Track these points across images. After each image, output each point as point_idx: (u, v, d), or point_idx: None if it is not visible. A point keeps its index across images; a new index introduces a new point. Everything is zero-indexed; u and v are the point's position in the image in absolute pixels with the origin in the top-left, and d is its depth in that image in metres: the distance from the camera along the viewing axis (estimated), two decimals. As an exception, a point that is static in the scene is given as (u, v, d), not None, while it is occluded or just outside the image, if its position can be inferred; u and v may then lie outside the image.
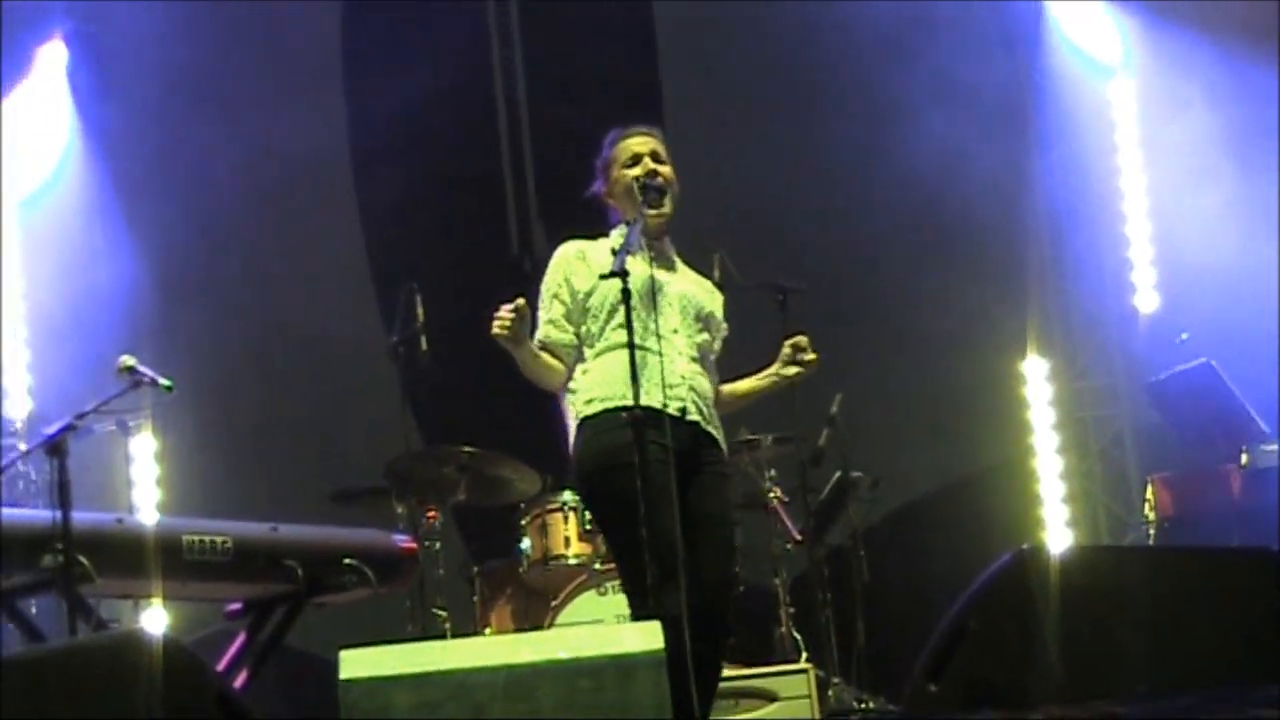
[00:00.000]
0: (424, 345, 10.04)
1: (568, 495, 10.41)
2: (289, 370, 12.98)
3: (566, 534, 10.45)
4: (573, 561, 10.37)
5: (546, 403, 8.02)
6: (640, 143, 7.79)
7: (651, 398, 7.34)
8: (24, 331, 12.77)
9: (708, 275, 7.99)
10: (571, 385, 7.66)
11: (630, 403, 7.28)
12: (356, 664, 6.57)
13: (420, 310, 10.10)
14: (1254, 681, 5.22)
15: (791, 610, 10.70)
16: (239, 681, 8.63)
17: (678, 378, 7.49)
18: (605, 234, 7.79)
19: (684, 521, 7.23)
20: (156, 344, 10.34)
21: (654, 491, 7.17)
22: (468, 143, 13.74)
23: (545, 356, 7.66)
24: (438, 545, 10.29)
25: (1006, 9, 13.34)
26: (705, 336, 7.70)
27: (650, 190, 7.58)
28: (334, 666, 6.60)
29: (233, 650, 9.02)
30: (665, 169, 7.71)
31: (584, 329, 7.65)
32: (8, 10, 12.50)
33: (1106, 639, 5.57)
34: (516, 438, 10.41)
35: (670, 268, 7.74)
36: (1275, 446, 10.59)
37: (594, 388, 7.58)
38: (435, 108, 13.60)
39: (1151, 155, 13.24)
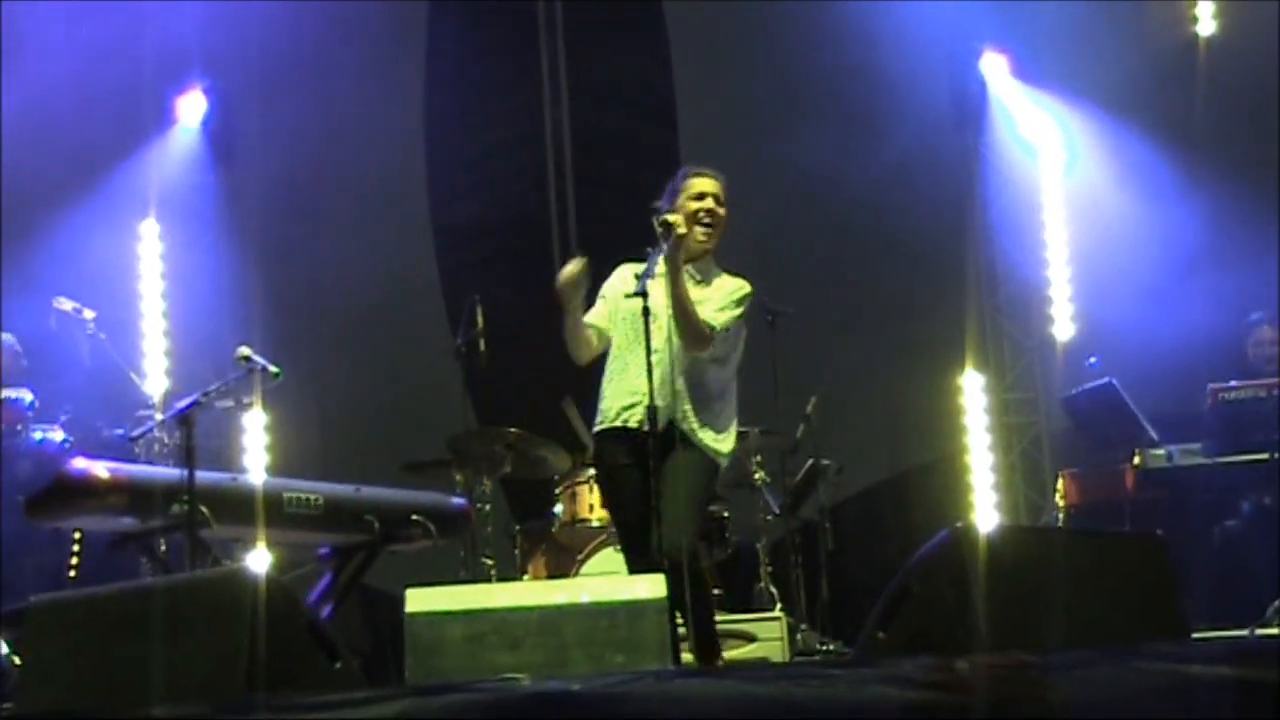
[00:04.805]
0: (482, 347, 10.01)
1: (593, 471, 10.41)
2: (373, 363, 12.98)
3: (591, 502, 10.43)
4: (595, 524, 10.35)
5: (578, 396, 8.02)
6: (702, 183, 7.72)
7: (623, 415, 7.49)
8: (163, 325, 12.83)
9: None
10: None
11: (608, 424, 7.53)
12: (419, 601, 6.56)
13: (480, 318, 10.08)
14: (1139, 639, 5.21)
15: (769, 569, 10.68)
16: (325, 612, 8.62)
17: (640, 395, 7.38)
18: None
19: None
20: (270, 339, 10.30)
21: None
22: (522, 185, 13.74)
23: (586, 331, 7.63)
24: (487, 507, 10.28)
25: (960, 93, 13.34)
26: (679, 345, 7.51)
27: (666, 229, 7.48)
28: (401, 602, 6.60)
29: (321, 587, 9.02)
30: (706, 204, 7.65)
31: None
32: (154, 64, 12.57)
33: (1024, 601, 5.56)
34: (554, 422, 10.40)
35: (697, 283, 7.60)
36: (1162, 451, 10.56)
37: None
38: (498, 157, 13.64)
39: (1072, 214, 13.22)
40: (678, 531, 7.20)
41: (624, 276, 7.69)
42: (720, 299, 7.58)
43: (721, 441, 7.60)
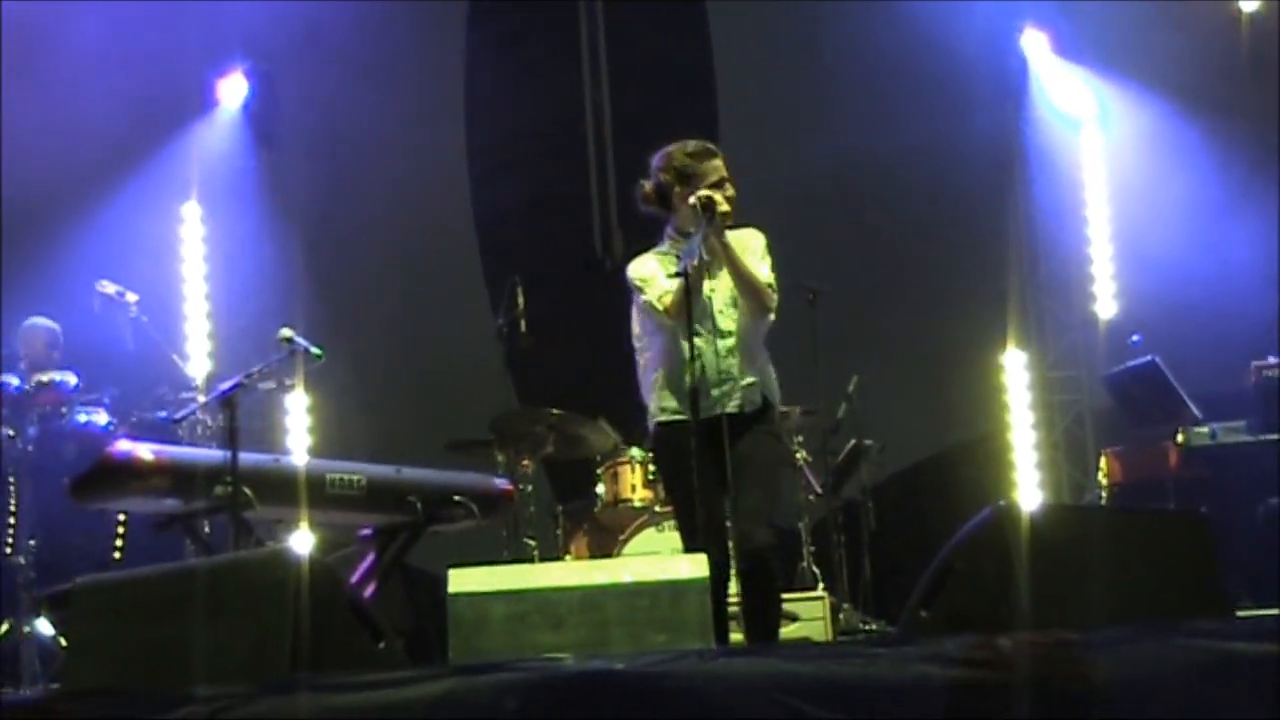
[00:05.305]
0: (524, 327, 10.02)
1: (635, 451, 10.40)
2: (415, 345, 13.03)
3: (633, 482, 10.44)
4: (637, 504, 10.36)
5: (620, 376, 7.99)
6: (719, 165, 7.59)
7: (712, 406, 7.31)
8: (206, 307, 12.89)
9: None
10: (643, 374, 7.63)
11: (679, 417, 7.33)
12: (462, 581, 6.58)
13: (521, 299, 10.09)
14: (1182, 617, 5.19)
15: (812, 549, 10.68)
16: (367, 593, 8.63)
17: (717, 379, 7.32)
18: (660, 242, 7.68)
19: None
20: (312, 320, 10.32)
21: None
22: (562, 166, 13.75)
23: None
24: (529, 488, 10.28)
25: (1000, 70, 13.30)
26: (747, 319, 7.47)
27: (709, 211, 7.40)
28: (444, 582, 6.61)
29: (363, 567, 9.02)
30: (729, 191, 7.52)
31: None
32: (196, 48, 12.64)
33: (1067, 579, 5.54)
34: (596, 402, 10.40)
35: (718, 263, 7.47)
36: (1206, 429, 10.54)
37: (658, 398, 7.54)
38: (537, 138, 13.66)
39: (1114, 190, 13.19)
40: (760, 526, 7.23)
41: (655, 266, 7.59)
42: (753, 256, 7.56)
43: (776, 395, 7.61)
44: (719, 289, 7.42)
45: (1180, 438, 10.56)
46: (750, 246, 7.56)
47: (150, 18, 12.30)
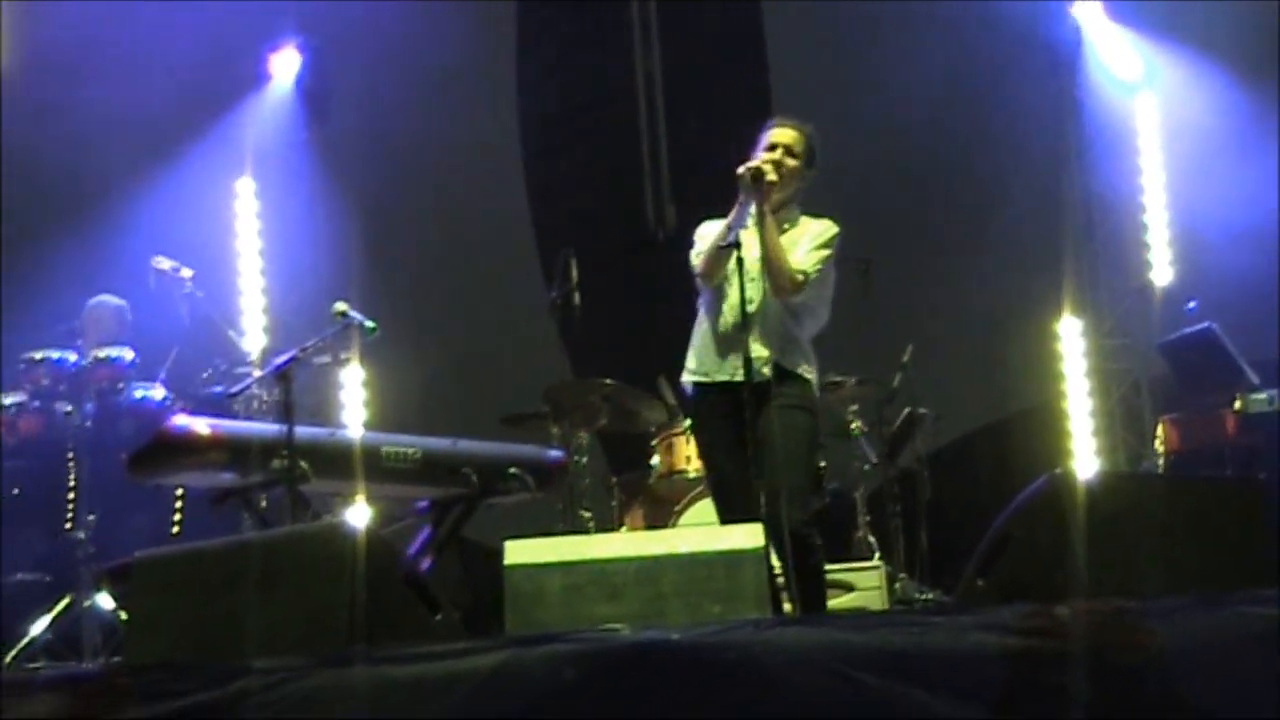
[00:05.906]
0: (577, 300, 10.02)
1: (689, 422, 10.40)
2: (469, 317, 13.04)
3: (688, 453, 10.43)
4: (692, 475, 10.35)
5: (673, 348, 7.99)
6: (775, 134, 7.71)
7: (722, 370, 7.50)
8: (261, 282, 12.94)
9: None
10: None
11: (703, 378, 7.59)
12: (518, 553, 6.59)
13: (574, 272, 10.08)
14: (1240, 585, 5.18)
15: (868, 519, 10.68)
16: (424, 565, 8.66)
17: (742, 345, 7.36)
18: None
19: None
20: (366, 294, 10.34)
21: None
22: (615, 139, 13.73)
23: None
24: (584, 460, 10.29)
25: (1052, 37, 13.24)
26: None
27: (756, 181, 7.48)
28: (500, 554, 6.63)
29: (419, 540, 9.05)
30: (774, 155, 7.59)
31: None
32: (249, 22, 12.66)
33: (1123, 547, 5.53)
34: (649, 374, 10.40)
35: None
36: (1264, 395, 10.49)
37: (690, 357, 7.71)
38: (590, 111, 13.65)
39: (1169, 156, 13.12)
40: (793, 507, 7.23)
41: (716, 228, 7.64)
42: (808, 241, 7.58)
43: (803, 368, 7.63)
44: (750, 257, 7.45)
45: (1238, 404, 10.52)
46: (801, 237, 7.59)
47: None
